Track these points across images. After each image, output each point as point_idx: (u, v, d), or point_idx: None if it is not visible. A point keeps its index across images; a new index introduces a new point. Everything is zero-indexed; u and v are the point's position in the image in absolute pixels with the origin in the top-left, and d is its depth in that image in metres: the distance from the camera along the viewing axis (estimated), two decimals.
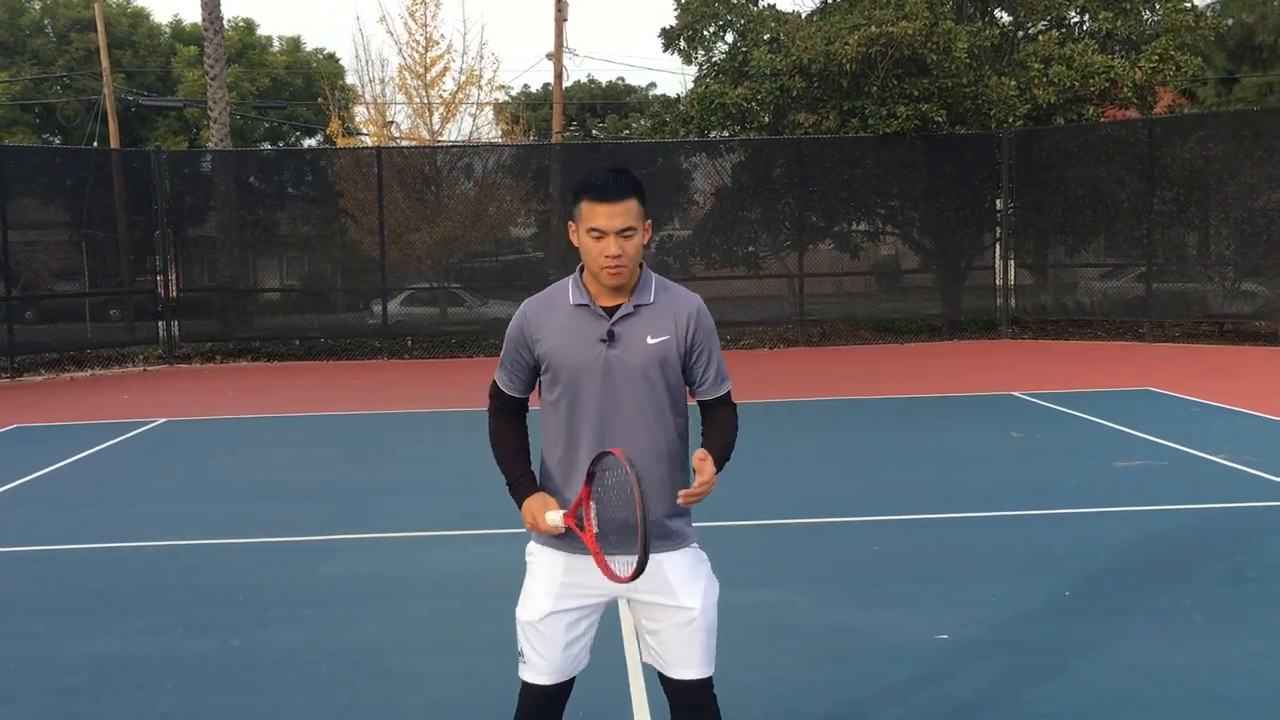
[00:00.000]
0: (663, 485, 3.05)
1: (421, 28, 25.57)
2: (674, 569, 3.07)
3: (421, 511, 7.99)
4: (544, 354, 3.07)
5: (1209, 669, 4.73)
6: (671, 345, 3.06)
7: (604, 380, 3.02)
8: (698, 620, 3.06)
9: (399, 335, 20.07)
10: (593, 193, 2.97)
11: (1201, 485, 8.12)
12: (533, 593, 3.10)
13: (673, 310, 3.08)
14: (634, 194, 2.99)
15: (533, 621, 3.07)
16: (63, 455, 10.35)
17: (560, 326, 3.06)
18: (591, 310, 3.05)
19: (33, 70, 37.88)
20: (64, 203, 19.64)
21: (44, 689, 4.87)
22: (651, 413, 3.05)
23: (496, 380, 3.21)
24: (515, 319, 3.14)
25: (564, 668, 3.09)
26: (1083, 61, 19.57)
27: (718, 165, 21.18)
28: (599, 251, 2.97)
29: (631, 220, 2.97)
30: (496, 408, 3.23)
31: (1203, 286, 18.76)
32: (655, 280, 3.12)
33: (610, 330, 3.02)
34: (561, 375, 3.05)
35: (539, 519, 3.03)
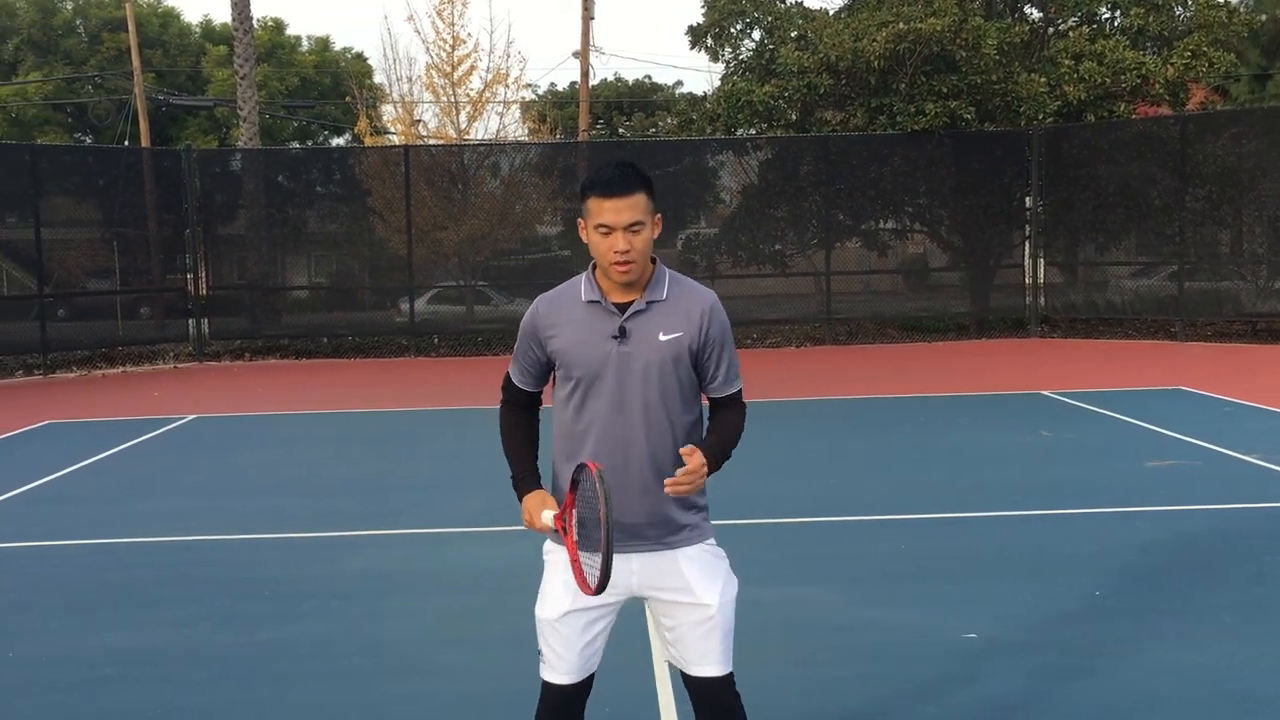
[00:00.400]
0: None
1: (449, 27, 25.60)
2: (691, 566, 3.04)
3: (447, 508, 8.00)
4: (556, 350, 3.05)
5: (1238, 670, 4.67)
6: (684, 342, 3.01)
7: (615, 377, 2.99)
8: (715, 618, 3.03)
9: (426, 333, 20.13)
10: (599, 188, 2.94)
11: (1234, 485, 8.02)
12: (550, 591, 3.08)
13: (686, 307, 3.04)
14: (641, 188, 2.96)
15: (550, 620, 3.05)
16: (94, 451, 10.44)
17: (572, 323, 3.04)
18: (603, 307, 3.02)
19: (65, 70, 38.25)
20: (96, 201, 19.82)
21: (74, 681, 4.91)
22: (663, 410, 3.01)
23: (509, 373, 3.21)
24: (528, 314, 3.13)
25: (583, 666, 3.07)
26: (1114, 58, 19.38)
27: (744, 163, 21.12)
28: (607, 247, 2.94)
29: (639, 214, 2.94)
30: (507, 401, 3.24)
31: (1235, 285, 18.56)
32: (669, 276, 3.07)
33: (622, 327, 2.99)
34: (573, 372, 3.03)
35: (535, 517, 3.02)
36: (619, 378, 2.99)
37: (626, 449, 3.01)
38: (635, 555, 3.03)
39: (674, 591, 3.04)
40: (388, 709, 4.55)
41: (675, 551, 3.03)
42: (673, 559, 3.03)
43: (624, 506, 2.98)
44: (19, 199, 18.38)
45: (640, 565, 3.04)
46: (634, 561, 3.04)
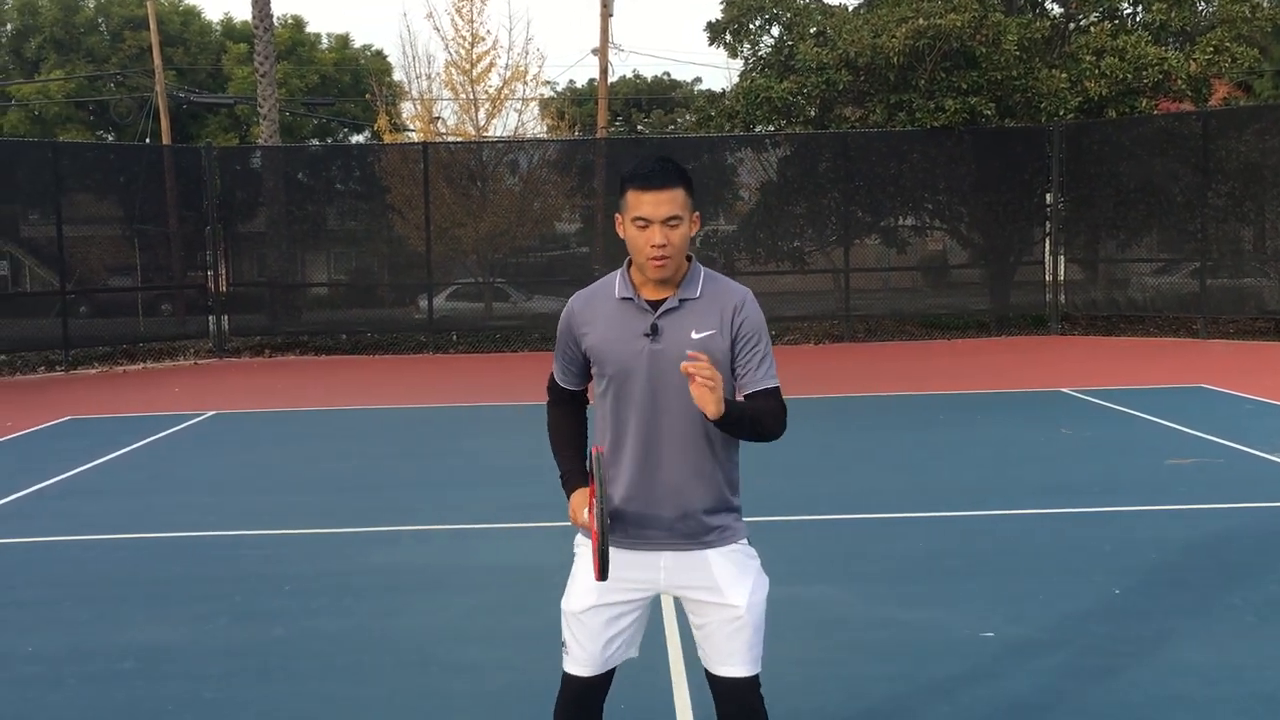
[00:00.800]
0: (708, 480, 3.01)
1: (468, 24, 25.66)
2: (721, 566, 3.03)
3: (465, 505, 8.01)
4: (589, 348, 3.05)
5: (1260, 669, 4.63)
6: (717, 340, 2.98)
7: (649, 375, 2.97)
8: (744, 618, 3.01)
9: (444, 330, 20.17)
10: (638, 181, 2.93)
11: (1256, 484, 7.96)
12: (576, 584, 3.09)
13: (720, 304, 3.01)
14: (680, 183, 2.93)
15: (576, 613, 3.06)
16: (114, 447, 10.50)
17: (605, 320, 3.02)
18: (636, 304, 3.00)
19: (87, 68, 38.49)
20: (117, 198, 19.94)
21: (91, 675, 4.94)
22: (696, 409, 2.95)
23: (553, 372, 3.22)
24: (564, 312, 3.13)
25: (604, 660, 3.07)
26: (1136, 53, 19.23)
27: (763, 160, 21.07)
28: (644, 241, 2.92)
29: (678, 209, 2.91)
30: (553, 400, 3.26)
31: (1258, 282, 18.40)
32: (704, 273, 3.05)
33: (654, 324, 2.97)
34: (607, 369, 3.02)
35: (578, 513, 3.06)
36: (651, 375, 2.97)
37: (659, 447, 2.99)
38: (665, 553, 3.02)
39: (702, 590, 3.03)
40: (405, 704, 4.55)
41: (705, 551, 3.02)
42: (702, 558, 3.02)
43: (655, 504, 2.99)
44: (41, 196, 18.53)
45: (669, 563, 3.03)
46: (663, 559, 3.03)
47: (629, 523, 3.02)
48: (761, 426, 2.95)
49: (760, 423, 2.95)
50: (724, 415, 2.80)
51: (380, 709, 4.51)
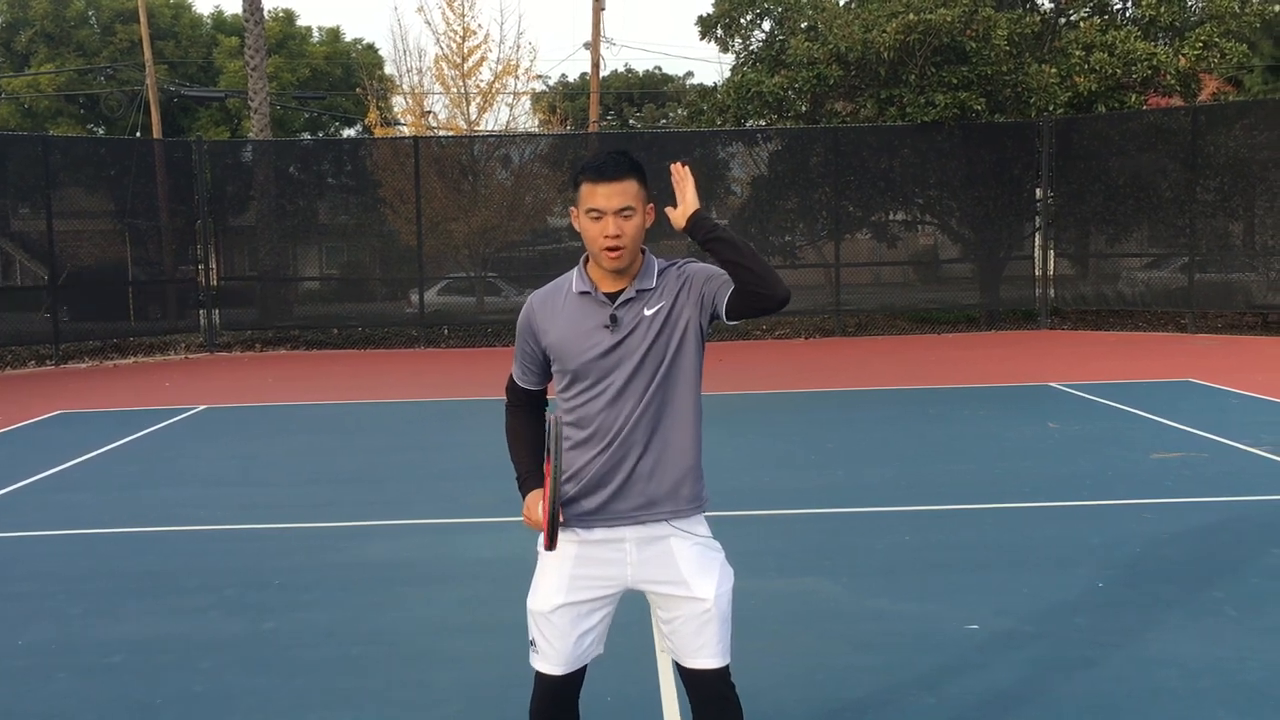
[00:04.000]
0: (680, 455, 3.02)
1: (459, 18, 25.66)
2: (687, 560, 3.04)
3: (456, 498, 8.05)
4: (550, 344, 3.05)
5: (1242, 661, 4.68)
6: (665, 312, 2.98)
7: (610, 367, 2.98)
8: (711, 610, 3.02)
9: (436, 324, 20.18)
10: (590, 173, 2.95)
11: (1241, 478, 8.02)
12: (543, 585, 3.08)
13: (669, 284, 3.03)
14: (632, 174, 2.95)
15: (544, 612, 3.05)
16: (105, 441, 10.51)
17: (564, 315, 3.04)
18: (594, 297, 3.02)
19: (77, 61, 38.36)
20: (107, 192, 19.90)
21: (81, 668, 4.96)
22: (662, 393, 3.00)
23: (512, 374, 3.22)
24: (523, 312, 3.13)
25: (575, 658, 3.07)
26: (1125, 49, 19.30)
27: (754, 154, 21.11)
28: (598, 232, 2.94)
29: (630, 200, 2.94)
30: (511, 403, 3.25)
31: (1246, 277, 18.49)
32: (658, 264, 3.07)
33: (612, 315, 2.99)
34: (568, 365, 3.02)
35: (532, 510, 3.07)
36: (614, 367, 2.98)
37: (626, 439, 3.00)
38: (630, 541, 3.03)
39: (669, 585, 3.04)
40: (397, 696, 4.58)
41: (670, 540, 3.03)
42: (667, 548, 3.03)
43: (624, 495, 3.01)
44: (31, 190, 18.50)
45: (635, 558, 3.04)
46: (629, 553, 3.04)
47: (596, 512, 3.02)
48: (756, 258, 2.94)
49: (744, 247, 2.96)
50: (700, 218, 2.95)
51: (372, 701, 4.54)
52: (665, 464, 3.02)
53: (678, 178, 3.02)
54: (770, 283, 2.91)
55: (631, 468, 3.01)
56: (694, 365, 3.06)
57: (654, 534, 3.04)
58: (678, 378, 3.03)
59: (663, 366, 3.00)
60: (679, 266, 3.07)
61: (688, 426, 3.05)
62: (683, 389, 3.04)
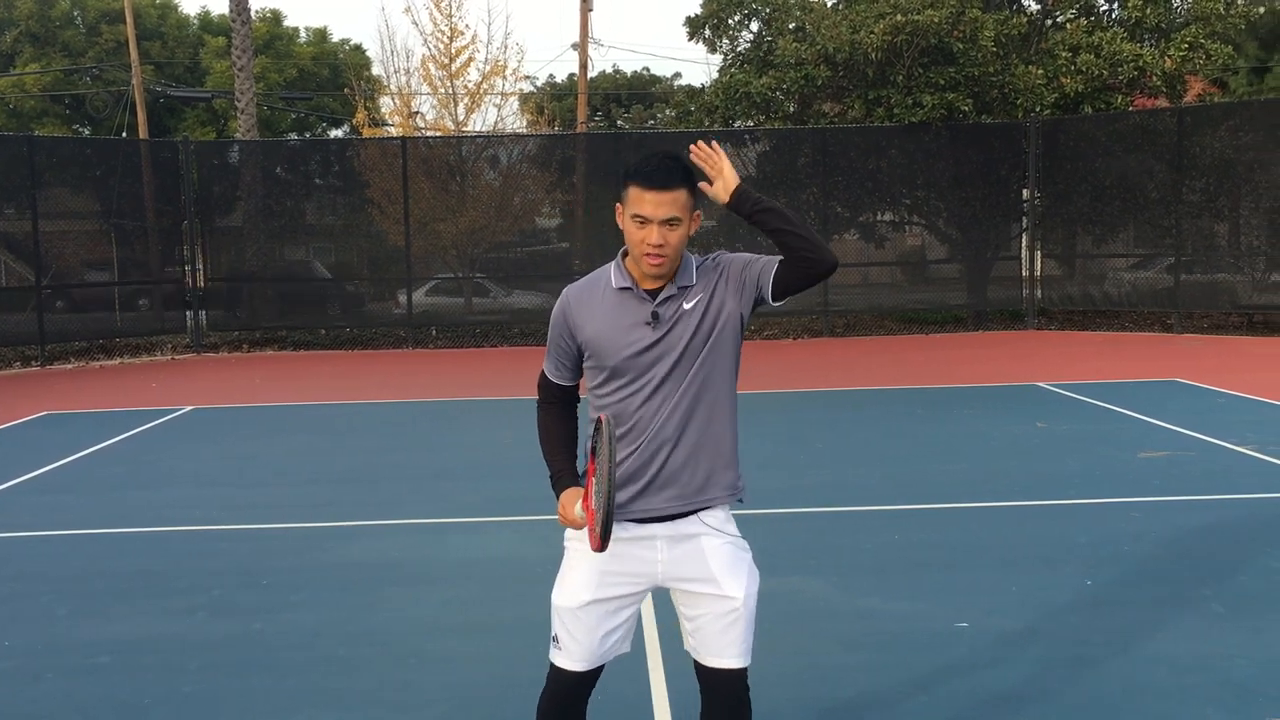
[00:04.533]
0: (716, 446, 3.01)
1: (446, 18, 25.61)
2: (717, 558, 3.03)
3: (445, 498, 8.03)
4: (587, 340, 3.00)
5: (1230, 658, 4.70)
6: (704, 304, 2.98)
7: (649, 364, 2.96)
8: (739, 610, 3.02)
9: (424, 325, 20.14)
10: (641, 179, 2.92)
11: (1227, 476, 8.05)
12: (571, 580, 3.05)
13: (708, 280, 3.02)
14: (684, 184, 2.93)
15: (571, 608, 3.02)
16: (91, 442, 10.46)
17: (603, 311, 3.00)
18: (635, 293, 2.99)
19: (63, 61, 38.20)
20: (93, 193, 19.80)
21: (68, 669, 4.94)
22: (697, 386, 2.98)
23: (545, 369, 3.16)
24: (558, 305, 3.07)
25: (598, 655, 3.05)
26: (1111, 50, 19.38)
27: (742, 155, 21.11)
28: (641, 238, 2.92)
29: (678, 210, 2.91)
30: (544, 400, 3.18)
31: (1232, 277, 18.58)
32: (695, 263, 3.06)
33: (654, 312, 2.96)
34: (605, 361, 2.99)
35: (568, 510, 2.99)
36: (653, 363, 2.96)
37: (659, 433, 2.98)
38: (661, 538, 3.01)
39: (698, 583, 3.02)
40: (386, 696, 4.57)
41: (699, 539, 3.02)
42: (698, 547, 3.02)
43: (657, 489, 2.99)
44: (17, 190, 18.37)
45: (665, 555, 3.02)
46: (660, 550, 3.02)
47: (627, 508, 2.99)
48: (805, 225, 2.96)
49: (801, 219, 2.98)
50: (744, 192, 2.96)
51: (361, 702, 4.53)
52: (699, 456, 3.00)
53: (705, 154, 3.01)
54: (821, 248, 2.95)
55: (664, 461, 2.99)
56: (731, 356, 3.05)
57: (685, 531, 3.03)
58: (715, 370, 3.01)
59: (700, 359, 2.98)
60: (714, 259, 3.07)
61: (723, 417, 3.04)
62: (719, 381, 3.02)
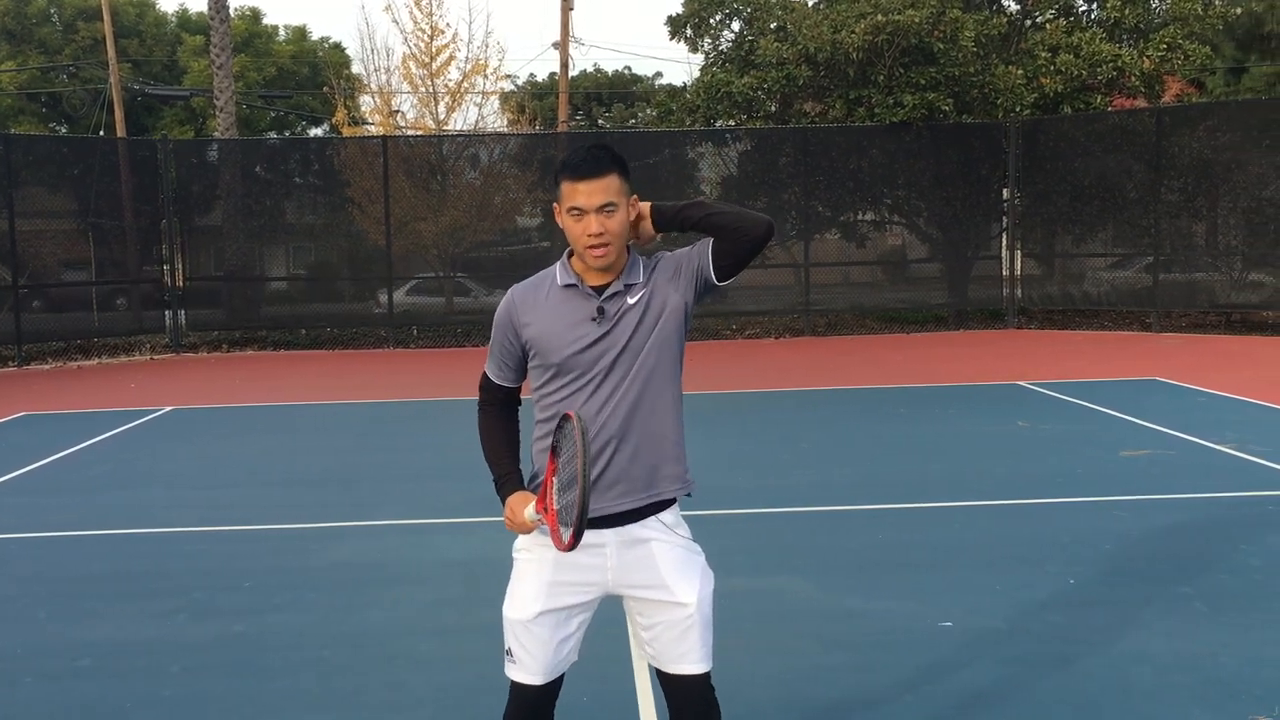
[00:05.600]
0: (660, 439, 2.97)
1: (427, 17, 25.52)
2: (666, 562, 2.97)
3: (427, 498, 8.00)
4: (532, 338, 2.97)
5: (1213, 657, 4.72)
6: (646, 296, 2.95)
7: (595, 360, 2.93)
8: (694, 615, 2.95)
9: (405, 324, 20.09)
10: (569, 171, 2.90)
11: (1207, 475, 8.10)
12: (521, 592, 3.00)
13: (655, 277, 3.00)
14: (613, 169, 2.90)
15: (524, 620, 2.97)
16: (69, 443, 10.38)
17: (548, 308, 2.98)
18: (580, 289, 2.96)
19: (39, 59, 37.91)
20: (71, 192, 19.66)
21: (48, 672, 4.89)
22: (641, 380, 2.95)
23: (486, 371, 3.13)
24: (502, 305, 3.06)
25: (554, 666, 3.01)
26: (1090, 50, 19.49)
27: (724, 154, 21.14)
28: (581, 231, 2.89)
29: (611, 196, 2.88)
30: (486, 401, 3.16)
31: (1210, 276, 18.71)
32: (642, 261, 3.03)
33: (600, 307, 2.93)
34: (550, 359, 2.96)
35: (516, 514, 2.93)
36: (597, 360, 2.93)
37: (607, 432, 2.93)
38: (611, 545, 2.96)
39: (650, 589, 2.97)
40: (369, 699, 4.55)
41: (650, 544, 2.97)
42: (648, 551, 2.97)
43: (605, 492, 2.93)
44: None
45: (615, 562, 2.97)
46: (609, 557, 2.97)
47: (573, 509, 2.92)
48: (725, 205, 2.99)
49: (717, 204, 3.01)
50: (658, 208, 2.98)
51: (344, 704, 4.50)
52: (645, 451, 2.96)
53: None
54: (747, 215, 2.95)
55: (610, 457, 2.94)
56: (675, 350, 3.02)
57: (635, 536, 2.98)
58: (659, 364, 2.97)
59: (643, 354, 2.95)
60: (656, 257, 3.07)
61: (668, 411, 3.00)
62: (663, 375, 2.99)
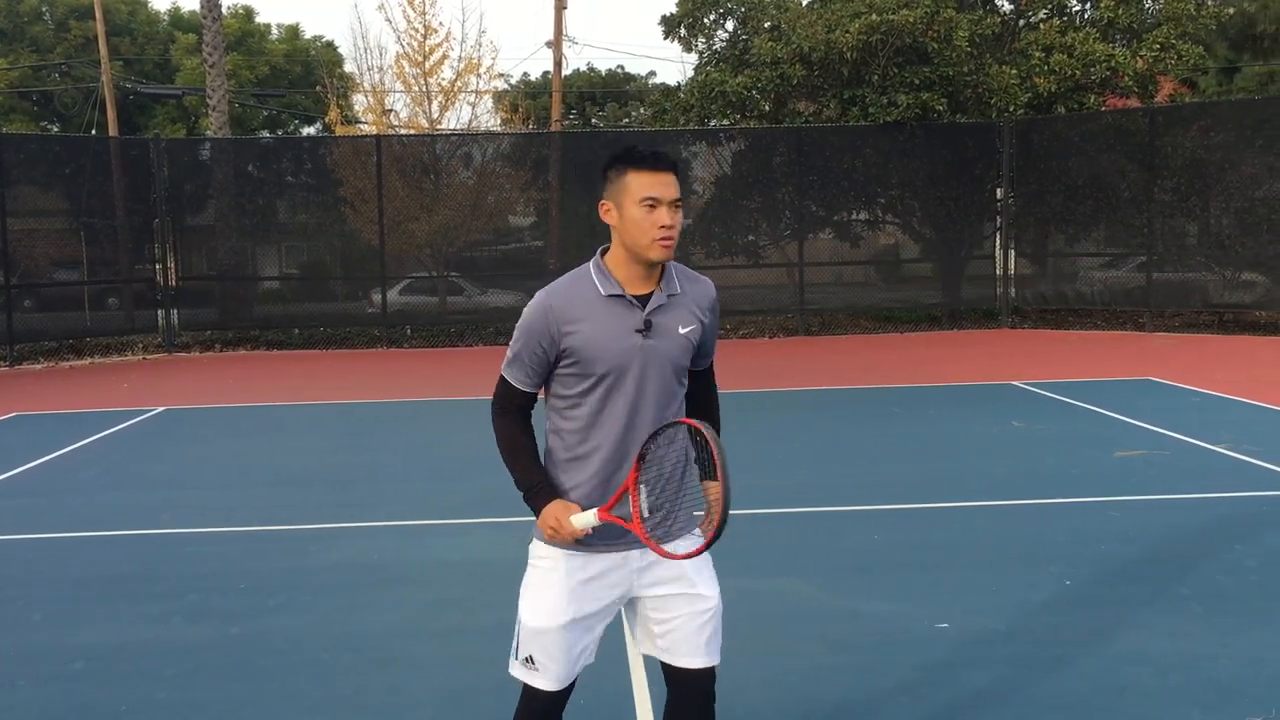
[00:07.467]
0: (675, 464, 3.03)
1: (420, 16, 25.47)
2: (684, 561, 3.01)
3: (422, 499, 7.98)
4: (575, 346, 2.91)
5: (1209, 657, 4.73)
6: (697, 333, 3.04)
7: (638, 372, 2.94)
8: (714, 609, 3.04)
9: (398, 324, 20.05)
10: (645, 162, 2.92)
11: (1202, 475, 8.11)
12: (546, 600, 2.98)
13: (696, 298, 3.05)
14: (675, 169, 2.99)
15: (549, 629, 2.96)
16: (61, 443, 10.34)
17: (594, 318, 2.92)
18: (626, 300, 2.95)
19: (31, 57, 37.77)
20: (63, 191, 19.59)
21: (42, 676, 4.87)
22: (666, 396, 3.00)
23: (507, 378, 3.02)
24: (537, 311, 2.94)
25: (573, 672, 3.03)
26: (1084, 50, 19.50)
27: (718, 154, 21.13)
28: (652, 223, 2.88)
29: (678, 192, 2.94)
30: (506, 409, 3.04)
31: (1203, 276, 18.74)
32: (676, 270, 3.06)
33: (647, 320, 2.95)
34: (595, 368, 2.92)
35: (563, 524, 2.88)
36: (641, 372, 2.95)
37: (635, 439, 2.96)
38: (635, 551, 3.00)
39: (672, 584, 3.02)
40: (367, 701, 4.53)
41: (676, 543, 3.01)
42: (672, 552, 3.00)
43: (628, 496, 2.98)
44: None
45: (640, 563, 3.01)
46: (633, 559, 3.01)
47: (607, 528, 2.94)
48: None
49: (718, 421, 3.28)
50: None
51: (341, 707, 4.49)
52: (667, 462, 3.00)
53: None
54: None
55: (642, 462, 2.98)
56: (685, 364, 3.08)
57: None
58: (677, 373, 3.04)
59: (672, 365, 3.01)
60: (712, 294, 3.11)
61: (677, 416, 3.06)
62: (678, 381, 3.06)
